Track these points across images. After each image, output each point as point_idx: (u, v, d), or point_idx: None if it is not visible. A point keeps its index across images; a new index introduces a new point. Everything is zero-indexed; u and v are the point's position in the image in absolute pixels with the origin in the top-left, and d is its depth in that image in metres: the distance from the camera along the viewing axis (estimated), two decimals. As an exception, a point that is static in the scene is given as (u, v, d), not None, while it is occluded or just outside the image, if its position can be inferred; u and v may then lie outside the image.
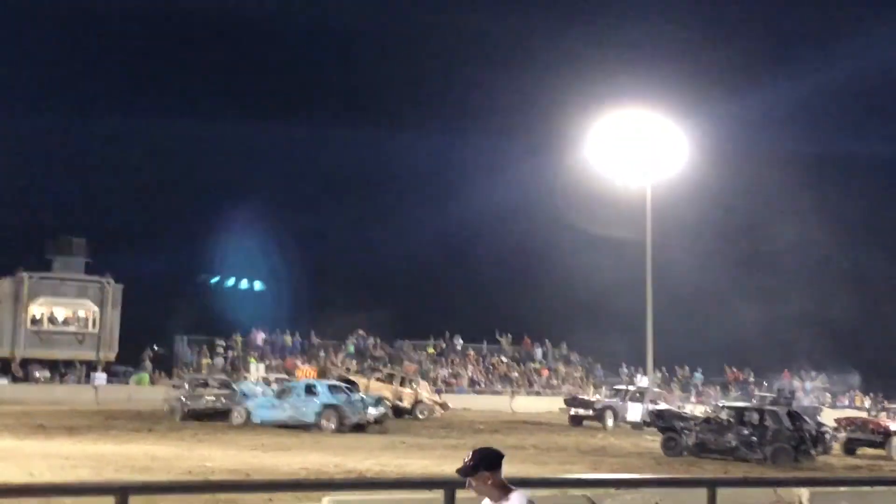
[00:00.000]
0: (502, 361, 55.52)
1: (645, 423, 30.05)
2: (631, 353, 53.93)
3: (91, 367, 47.17)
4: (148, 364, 47.60)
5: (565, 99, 54.34)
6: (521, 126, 62.73)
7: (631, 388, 42.79)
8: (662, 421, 28.84)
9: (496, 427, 35.13)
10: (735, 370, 56.81)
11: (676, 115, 49.04)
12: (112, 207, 68.93)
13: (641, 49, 63.31)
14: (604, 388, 51.84)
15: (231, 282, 61.88)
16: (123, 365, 48.73)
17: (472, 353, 55.63)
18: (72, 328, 48.22)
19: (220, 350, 50.74)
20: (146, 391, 43.06)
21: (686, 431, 27.57)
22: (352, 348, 53.19)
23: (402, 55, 70.54)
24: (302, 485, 12.04)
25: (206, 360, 49.21)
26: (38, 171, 72.46)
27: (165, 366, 49.41)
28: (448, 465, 21.42)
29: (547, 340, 57.86)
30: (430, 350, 55.24)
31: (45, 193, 73.07)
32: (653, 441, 29.86)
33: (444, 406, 40.26)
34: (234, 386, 35.36)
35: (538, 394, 52.40)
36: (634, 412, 37.59)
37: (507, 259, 60.60)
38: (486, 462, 6.12)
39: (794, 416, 27.97)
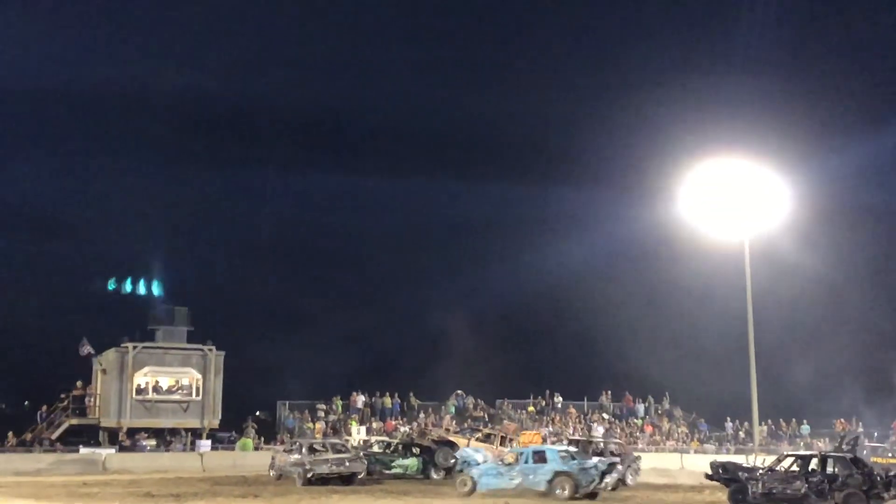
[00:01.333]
0: (604, 418, 54.92)
1: (707, 477, 29.09)
2: (736, 407, 53.05)
3: (196, 434, 47.75)
4: (251, 430, 48.04)
5: (666, 149, 54.09)
6: (619, 176, 62.52)
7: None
8: (727, 473, 28.15)
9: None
10: (843, 421, 55.41)
11: (780, 167, 48.64)
12: (214, 275, 70.09)
13: (745, 99, 62.78)
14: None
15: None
16: (227, 431, 49.25)
17: (572, 410, 55.16)
18: (176, 396, 48.93)
19: (322, 414, 51.04)
20: (250, 457, 43.40)
21: (752, 482, 27.09)
22: (452, 409, 53.10)
23: (498, 108, 71.02)
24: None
25: (308, 425, 49.51)
26: (139, 239, 74.07)
27: (268, 431, 49.87)
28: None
29: (649, 396, 57.19)
30: (531, 409, 54.95)
31: (148, 266, 74.60)
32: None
33: None
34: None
35: (643, 451, 51.60)
36: None
37: (606, 314, 60.09)
38: None
39: (859, 463, 27.61)
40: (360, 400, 52.44)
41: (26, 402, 58.36)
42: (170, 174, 75.64)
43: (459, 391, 54.06)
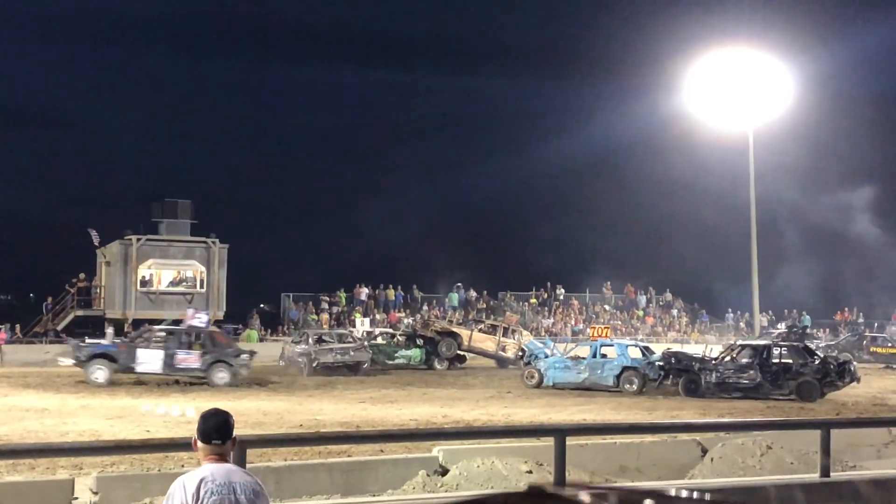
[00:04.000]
0: (605, 310, 55.24)
1: (659, 367, 28.93)
2: (738, 299, 53.37)
3: (199, 325, 48.11)
4: (256, 321, 48.39)
5: (669, 40, 53.54)
6: (618, 67, 62.05)
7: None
8: (679, 363, 28.30)
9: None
10: (846, 311, 55.78)
11: (783, 54, 48.10)
12: (217, 168, 70.05)
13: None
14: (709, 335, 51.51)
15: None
16: (232, 323, 49.64)
17: (574, 302, 55.46)
18: (180, 288, 49.22)
19: (325, 306, 51.36)
20: (255, 348, 43.76)
21: (705, 371, 27.27)
22: (454, 301, 53.38)
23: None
24: (413, 435, 12.14)
25: (311, 317, 49.86)
26: (143, 135, 73.86)
27: (272, 323, 50.27)
28: (555, 413, 21.51)
29: (651, 287, 57.45)
30: (533, 301, 55.24)
31: (151, 157, 74.53)
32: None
33: None
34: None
35: (644, 341, 52.02)
36: None
37: (607, 205, 60.14)
38: (220, 432, 5.27)
39: (809, 351, 28.12)
40: (363, 292, 52.69)
41: (31, 294, 58.76)
42: (176, 66, 75.13)
43: (460, 283, 54.31)
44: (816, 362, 27.16)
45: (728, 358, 27.98)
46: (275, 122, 76.17)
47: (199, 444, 5.25)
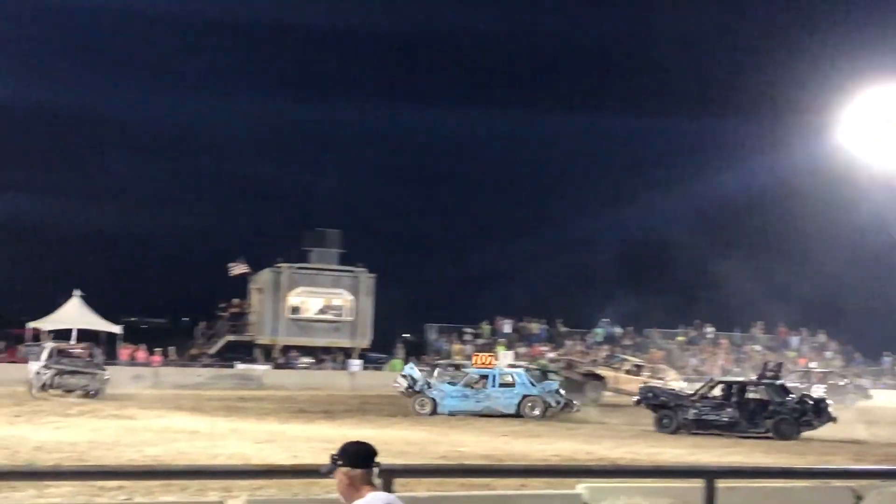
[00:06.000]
0: (755, 350, 54.01)
1: (636, 402, 29.11)
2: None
3: (347, 353, 48.81)
4: (401, 351, 48.85)
5: (825, 76, 52.27)
6: (778, 103, 60.76)
7: None
8: (655, 398, 28.04)
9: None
10: None
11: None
12: (366, 199, 71.09)
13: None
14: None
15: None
16: (377, 352, 50.21)
17: (724, 341, 54.39)
18: (328, 316, 50.05)
19: (469, 337, 51.53)
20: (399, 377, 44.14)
21: (682, 408, 26.97)
22: (599, 336, 52.94)
23: (657, 37, 69.70)
24: (557, 471, 12.03)
25: (456, 346, 50.06)
26: (296, 166, 75.51)
27: (417, 352, 50.65)
28: (702, 453, 21.07)
29: (803, 329, 55.97)
30: (680, 338, 54.37)
31: (302, 187, 76.10)
32: None
33: None
34: (409, 373, 33.16)
35: (796, 384, 50.60)
36: None
37: (760, 245, 58.88)
38: (347, 457, 5.42)
39: (785, 390, 27.74)
40: (506, 324, 52.70)
41: (184, 318, 60.46)
42: (328, 98, 76.70)
43: (606, 318, 53.82)
44: (793, 401, 26.81)
45: (705, 394, 27.82)
46: (424, 156, 77.07)
47: (354, 471, 5.30)
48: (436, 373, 35.16)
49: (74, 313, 44.10)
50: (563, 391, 31.10)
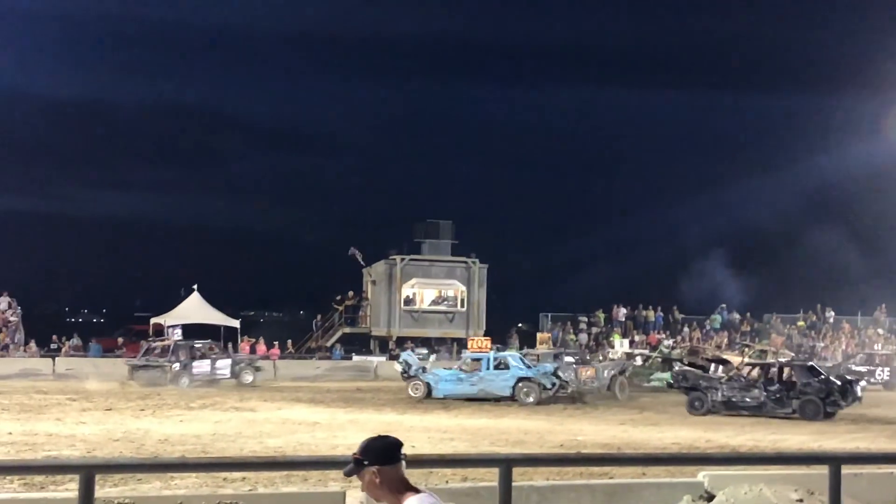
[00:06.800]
0: (878, 334, 52.64)
1: (668, 385, 30.09)
2: None
3: (461, 343, 48.94)
4: (514, 341, 48.78)
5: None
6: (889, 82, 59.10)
7: None
8: (687, 381, 28.64)
9: (876, 402, 33.39)
10: None
11: None
12: (478, 189, 71.25)
13: None
14: None
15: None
16: (492, 342, 50.23)
17: (846, 325, 53.12)
18: (442, 307, 50.29)
19: (584, 326, 51.23)
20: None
21: (711, 390, 27.49)
22: (717, 323, 52.15)
23: (767, 18, 68.41)
24: (678, 459, 11.91)
25: (570, 337, 49.82)
26: (407, 159, 75.99)
27: (531, 342, 50.51)
28: (826, 440, 20.64)
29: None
30: (801, 323, 53.25)
31: (414, 179, 76.56)
32: None
33: None
34: (406, 358, 34.19)
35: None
36: None
37: (883, 224, 57.31)
38: (373, 455, 4.65)
39: (814, 371, 27.91)
40: (622, 312, 52.22)
41: (301, 311, 61.35)
42: (438, 92, 76.95)
43: (724, 304, 52.97)
44: (819, 381, 26.92)
45: (734, 377, 28.29)
46: (536, 142, 76.88)
47: (384, 469, 4.62)
48: (432, 358, 35.64)
49: (194, 308, 45.05)
50: (561, 374, 31.08)
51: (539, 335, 46.39)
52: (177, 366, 34.17)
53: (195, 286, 45.64)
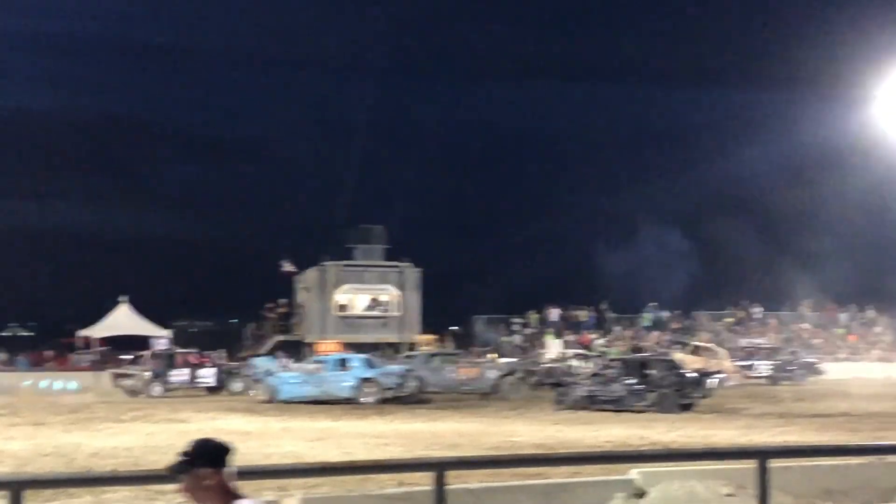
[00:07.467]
0: (804, 328, 53.56)
1: (538, 382, 32.36)
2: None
3: (395, 348, 48.92)
4: (449, 344, 48.88)
5: (865, 49, 51.61)
6: (814, 77, 60.14)
7: None
8: (552, 377, 30.98)
9: (801, 395, 34.01)
10: None
11: None
12: (409, 194, 71.28)
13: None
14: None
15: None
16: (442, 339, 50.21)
17: (772, 321, 53.98)
18: (376, 312, 50.22)
19: (517, 327, 51.48)
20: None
21: (575, 386, 28.67)
22: (648, 321, 52.70)
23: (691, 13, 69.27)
24: (610, 457, 12.03)
25: (504, 338, 50.05)
26: (336, 164, 75.81)
27: (465, 345, 50.64)
28: (755, 434, 20.94)
29: (852, 305, 55.39)
30: (729, 320, 54.01)
31: (344, 184, 76.41)
32: None
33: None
34: (254, 361, 35.23)
35: (846, 360, 50.14)
36: None
37: (806, 220, 58.31)
38: (203, 457, 4.44)
39: (671, 365, 29.17)
40: (554, 313, 52.54)
41: (233, 320, 60.91)
42: (365, 93, 76.90)
43: (654, 303, 53.56)
44: (675, 375, 28.07)
45: (598, 372, 29.55)
46: (467, 144, 77.20)
47: (210, 472, 4.41)
48: (279, 361, 36.10)
49: (124, 320, 44.59)
50: (411, 372, 32.07)
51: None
52: (148, 374, 35.20)
53: (124, 297, 45.16)
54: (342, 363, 32.17)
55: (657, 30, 74.59)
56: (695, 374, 28.97)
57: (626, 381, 27.98)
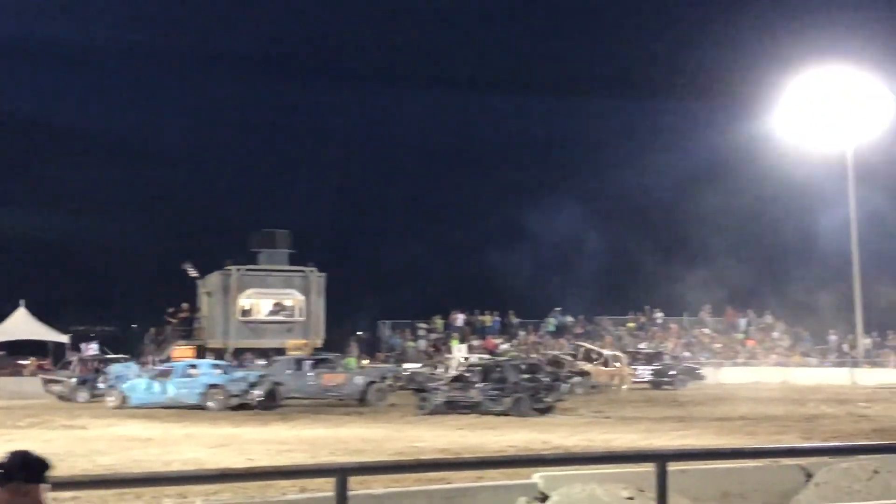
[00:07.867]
0: (704, 333, 54.52)
1: (401, 388, 32.98)
2: (840, 321, 52.20)
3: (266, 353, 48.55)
4: (354, 349, 48.73)
5: (765, 59, 52.80)
6: (712, 87, 61.30)
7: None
8: (415, 383, 31.54)
9: (701, 400, 34.60)
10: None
11: (884, 74, 47.15)
12: (315, 198, 70.88)
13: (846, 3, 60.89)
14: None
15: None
16: (331, 351, 50.04)
17: (673, 326, 54.84)
18: (280, 317, 49.82)
19: (423, 332, 51.53)
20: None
21: (436, 391, 29.04)
22: (551, 326, 53.17)
23: (588, 22, 70.03)
24: (513, 461, 12.10)
25: (410, 343, 50.05)
26: (239, 167, 75.13)
27: (370, 350, 50.57)
28: (655, 438, 21.26)
29: (750, 310, 56.53)
30: (630, 325, 54.76)
31: (248, 188, 75.76)
32: (865, 408, 29.04)
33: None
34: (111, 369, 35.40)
35: (744, 365, 51.17)
36: None
37: (704, 227, 59.43)
38: (23, 471, 4.15)
39: (535, 368, 30.07)
40: (459, 318, 52.73)
41: (134, 325, 59.95)
42: (269, 96, 76.34)
43: (558, 308, 54.05)
44: (529, 380, 28.61)
45: (457, 377, 30.08)
46: (373, 148, 77.05)
47: (35, 487, 4.09)
48: (136, 368, 36.38)
49: (21, 324, 43.64)
50: (265, 378, 31.98)
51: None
52: (74, 380, 35.28)
53: (22, 301, 44.22)
54: (190, 369, 32.27)
55: (561, 38, 75.33)
56: (548, 379, 29.37)
57: (483, 386, 28.33)
